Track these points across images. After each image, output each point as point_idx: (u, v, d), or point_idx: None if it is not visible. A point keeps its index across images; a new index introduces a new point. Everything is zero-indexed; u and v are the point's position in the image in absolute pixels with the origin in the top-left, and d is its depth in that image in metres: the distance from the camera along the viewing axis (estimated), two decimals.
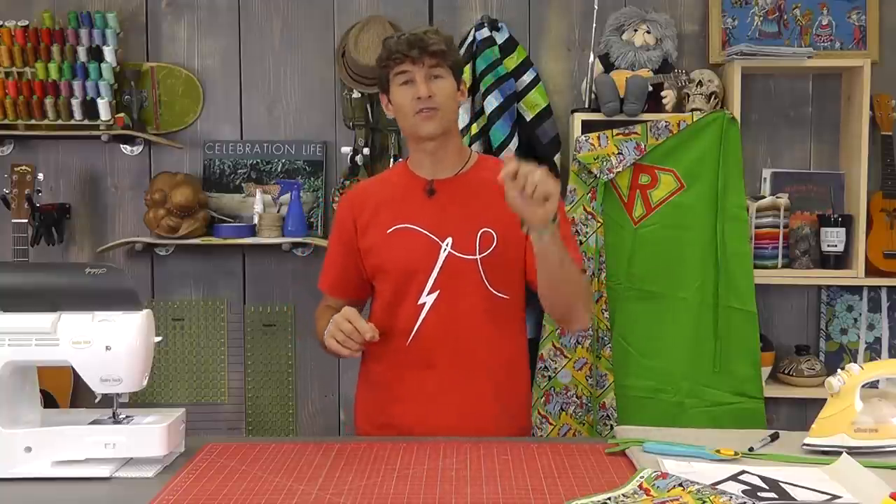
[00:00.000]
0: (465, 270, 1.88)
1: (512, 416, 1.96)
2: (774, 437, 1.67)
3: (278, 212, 2.97)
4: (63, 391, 2.76)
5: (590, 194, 2.84)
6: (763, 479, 1.42)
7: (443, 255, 1.88)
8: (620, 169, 2.81)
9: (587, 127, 2.85)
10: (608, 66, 2.91)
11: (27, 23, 2.89)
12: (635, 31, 2.92)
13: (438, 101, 1.87)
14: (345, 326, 1.78)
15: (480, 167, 1.99)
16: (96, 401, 1.55)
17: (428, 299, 1.88)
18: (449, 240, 1.89)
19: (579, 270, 1.91)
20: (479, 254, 1.88)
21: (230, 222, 2.99)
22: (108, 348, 1.49)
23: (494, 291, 1.89)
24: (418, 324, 1.89)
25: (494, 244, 1.88)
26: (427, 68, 1.86)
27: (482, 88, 2.83)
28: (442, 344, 1.89)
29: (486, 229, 1.89)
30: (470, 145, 2.78)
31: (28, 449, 1.48)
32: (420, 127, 1.89)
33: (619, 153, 2.81)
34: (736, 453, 1.55)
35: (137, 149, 3.05)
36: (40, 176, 2.82)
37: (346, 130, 3.01)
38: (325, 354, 1.92)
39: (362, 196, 2.01)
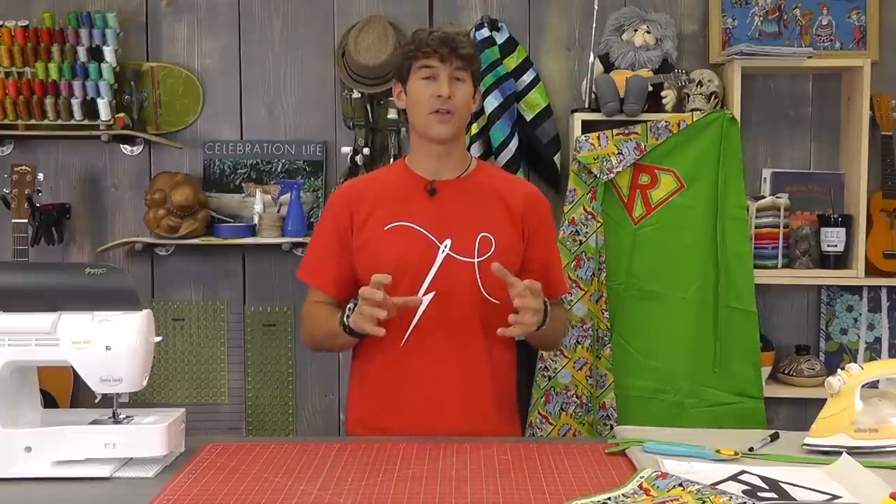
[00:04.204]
0: (462, 273, 1.87)
1: (503, 420, 1.97)
2: (774, 437, 1.67)
3: (278, 212, 2.97)
4: (63, 391, 2.76)
5: (590, 194, 2.84)
6: (763, 479, 1.42)
7: (441, 257, 1.88)
8: (620, 169, 2.81)
9: (587, 127, 2.85)
10: (608, 66, 2.91)
11: (27, 23, 2.88)
12: (635, 31, 2.92)
13: (456, 104, 1.87)
14: (377, 295, 1.71)
15: (481, 173, 2.00)
16: (96, 401, 1.55)
17: (424, 300, 1.87)
18: (448, 241, 1.88)
19: (557, 318, 1.97)
20: (477, 258, 1.88)
21: (230, 222, 2.99)
22: (108, 348, 1.49)
23: (488, 296, 1.89)
24: (413, 325, 1.88)
25: (493, 249, 1.88)
26: (452, 69, 1.87)
27: (482, 88, 2.83)
28: (437, 347, 1.87)
29: (484, 234, 1.89)
30: (470, 145, 2.79)
31: (28, 449, 1.48)
32: (432, 128, 1.89)
33: (619, 153, 2.81)
34: (736, 453, 1.55)
35: (137, 149, 3.05)
36: (40, 176, 2.82)
37: (346, 130, 3.01)
38: (325, 354, 1.92)
39: (359, 192, 1.98)
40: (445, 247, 1.88)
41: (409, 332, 1.88)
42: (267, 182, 3.02)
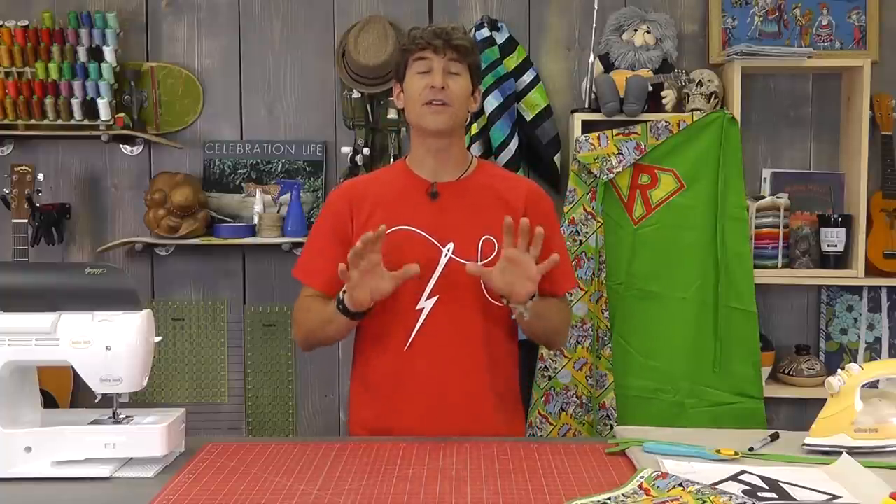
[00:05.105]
0: (465, 277, 1.84)
1: (505, 421, 1.96)
2: (774, 437, 1.67)
3: (278, 212, 2.97)
4: (63, 391, 2.76)
5: (590, 194, 2.84)
6: (763, 479, 1.42)
7: (443, 261, 1.86)
8: (620, 169, 2.81)
9: (587, 127, 2.85)
10: (608, 66, 2.91)
11: (27, 23, 2.89)
12: (635, 31, 2.92)
13: (450, 96, 1.85)
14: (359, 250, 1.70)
15: (482, 173, 1.98)
16: (96, 401, 1.55)
17: (427, 304, 1.85)
18: (450, 245, 1.86)
19: (558, 308, 1.95)
20: (480, 261, 1.85)
21: (230, 222, 2.99)
22: (108, 348, 1.49)
23: (491, 300, 1.87)
24: (416, 329, 1.86)
25: (496, 252, 1.86)
26: (447, 61, 1.86)
27: (482, 88, 2.83)
28: (441, 351, 1.86)
29: (487, 236, 1.87)
30: (470, 145, 2.79)
31: (28, 449, 1.48)
32: (426, 119, 1.86)
33: (619, 153, 2.81)
34: (736, 453, 1.55)
35: (137, 149, 3.05)
36: (40, 176, 2.82)
37: (346, 130, 3.01)
38: (325, 354, 1.91)
39: (359, 192, 1.95)
40: (448, 251, 1.86)
41: (412, 336, 1.86)
42: (267, 182, 3.02)
